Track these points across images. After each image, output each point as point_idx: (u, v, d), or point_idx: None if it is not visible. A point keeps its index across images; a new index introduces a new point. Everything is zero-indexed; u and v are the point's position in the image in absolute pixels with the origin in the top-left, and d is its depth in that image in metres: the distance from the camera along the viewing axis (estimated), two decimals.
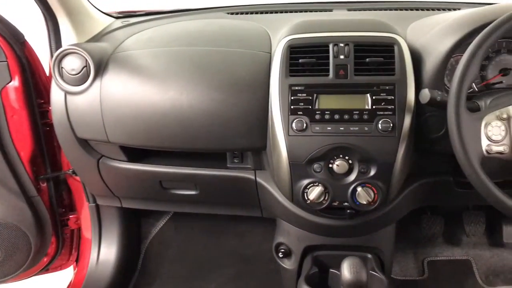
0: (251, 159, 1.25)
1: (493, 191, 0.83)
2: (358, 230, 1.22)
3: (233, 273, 1.72)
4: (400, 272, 1.71)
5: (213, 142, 1.14)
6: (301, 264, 1.32)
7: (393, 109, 1.02)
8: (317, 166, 1.05)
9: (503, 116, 0.86)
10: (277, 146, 1.06)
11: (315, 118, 1.03)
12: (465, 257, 1.75)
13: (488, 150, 0.86)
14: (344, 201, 1.07)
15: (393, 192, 1.09)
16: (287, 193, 1.13)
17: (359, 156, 1.04)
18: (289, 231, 1.31)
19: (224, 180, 1.28)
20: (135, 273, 1.75)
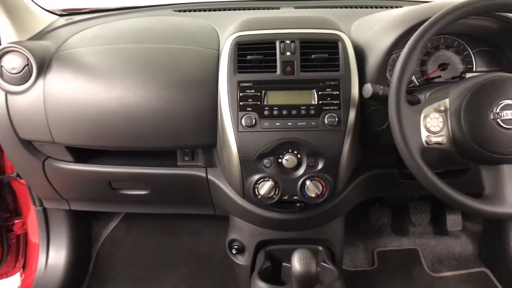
0: (202, 157, 1.25)
1: (433, 179, 0.87)
2: (308, 223, 1.25)
3: (187, 272, 1.71)
4: (351, 263, 1.76)
5: (163, 140, 1.13)
6: (254, 260, 1.33)
7: (338, 104, 1.05)
8: (267, 161, 1.07)
9: (441, 109, 0.91)
10: (227, 143, 1.07)
11: (264, 114, 1.05)
12: (412, 246, 1.82)
13: (427, 141, 0.90)
14: (294, 195, 1.09)
15: (341, 184, 1.12)
16: (238, 189, 1.14)
17: (307, 151, 1.06)
18: (241, 227, 1.32)
19: (175, 179, 1.28)
20: (86, 276, 1.71)
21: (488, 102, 0.87)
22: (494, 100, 0.86)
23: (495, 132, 0.86)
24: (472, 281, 1.68)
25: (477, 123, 0.87)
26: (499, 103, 0.86)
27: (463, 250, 1.81)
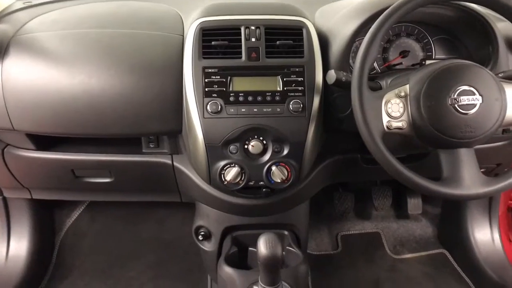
0: (167, 144, 1.24)
1: (393, 163, 0.90)
2: (274, 208, 1.26)
3: (153, 260, 1.71)
4: (316, 247, 1.79)
5: (127, 127, 1.12)
6: (221, 245, 1.34)
7: (303, 91, 1.06)
8: (233, 148, 1.07)
9: (401, 94, 0.93)
10: (192, 129, 1.07)
11: (230, 100, 1.05)
12: (374, 230, 1.87)
13: (389, 126, 0.92)
14: (259, 181, 1.10)
15: (306, 170, 1.14)
16: (204, 176, 1.14)
17: (273, 137, 1.07)
18: (208, 214, 1.33)
19: (140, 166, 1.26)
20: (49, 266, 1.68)
21: (446, 88, 0.90)
22: (452, 86, 0.90)
23: (453, 117, 0.89)
24: (431, 262, 1.74)
25: (436, 108, 0.90)
26: (456, 89, 0.89)
27: (423, 232, 1.87)
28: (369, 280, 1.65)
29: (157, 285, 1.61)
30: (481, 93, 0.89)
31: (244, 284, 1.14)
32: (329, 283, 1.63)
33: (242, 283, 1.15)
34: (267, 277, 0.97)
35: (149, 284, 1.62)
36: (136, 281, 1.62)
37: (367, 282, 1.65)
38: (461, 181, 0.90)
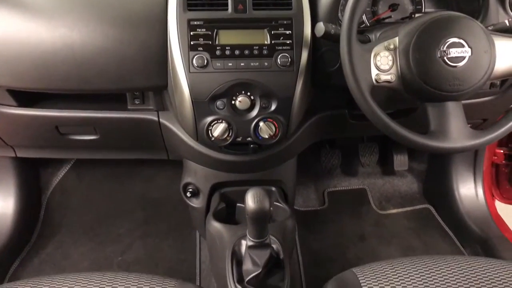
0: (152, 100, 1.22)
1: (381, 116, 0.89)
2: (261, 164, 1.26)
3: (141, 218, 1.72)
4: (303, 203, 1.82)
5: (110, 82, 1.09)
6: (209, 202, 1.35)
7: (291, 44, 1.04)
8: (220, 103, 1.06)
9: (390, 47, 0.92)
10: (178, 84, 1.05)
11: (216, 54, 1.02)
12: (361, 186, 1.90)
13: (377, 79, 0.91)
14: (247, 137, 1.09)
15: (293, 125, 1.14)
16: (191, 132, 1.13)
17: (260, 92, 1.05)
18: (196, 171, 1.32)
19: (125, 123, 1.24)
20: (37, 225, 1.68)
21: (435, 40, 0.88)
22: (441, 38, 0.88)
23: (441, 69, 0.88)
24: (416, 217, 1.78)
25: (425, 61, 0.89)
26: (445, 41, 0.88)
27: (408, 188, 1.90)
28: (355, 234, 1.69)
29: (145, 242, 1.62)
30: (470, 45, 0.88)
31: (232, 238, 1.15)
32: (316, 238, 1.65)
33: (230, 237, 1.16)
34: (254, 230, 0.97)
35: (137, 241, 1.63)
36: (125, 238, 1.64)
37: (353, 236, 1.68)
38: (448, 134, 0.91)
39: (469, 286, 0.90)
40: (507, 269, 0.94)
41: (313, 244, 1.62)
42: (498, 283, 0.91)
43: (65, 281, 0.90)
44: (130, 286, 0.90)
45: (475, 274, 0.93)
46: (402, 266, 0.96)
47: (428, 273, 0.94)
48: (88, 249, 1.59)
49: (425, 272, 0.94)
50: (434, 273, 0.93)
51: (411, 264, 0.96)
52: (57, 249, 1.60)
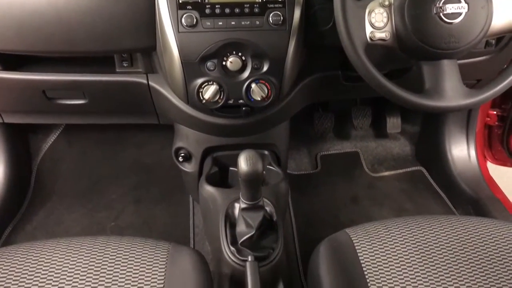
0: (141, 62, 1.18)
1: (375, 75, 0.88)
2: (254, 128, 1.25)
3: (133, 183, 1.71)
4: (296, 167, 1.81)
5: (97, 43, 1.06)
6: (201, 166, 1.34)
7: (283, 2, 1.01)
8: (211, 64, 1.03)
9: (385, 3, 0.89)
10: (167, 45, 1.02)
11: (205, 12, 0.99)
12: (353, 150, 1.89)
13: (372, 36, 0.89)
14: (239, 99, 1.07)
15: (286, 87, 1.11)
16: (181, 95, 1.11)
17: (252, 52, 1.03)
18: (187, 135, 1.31)
19: (114, 86, 1.21)
20: (28, 192, 1.67)
21: None
22: None
23: (437, 26, 0.86)
24: (408, 179, 1.79)
25: (420, 17, 0.87)
26: None
27: (401, 151, 1.90)
28: (347, 197, 1.69)
29: (138, 208, 1.62)
30: (467, 1, 0.86)
31: (225, 201, 1.14)
32: (309, 201, 1.66)
33: (223, 200, 1.16)
34: (248, 193, 0.97)
35: (130, 207, 1.63)
36: (117, 203, 1.63)
37: (346, 199, 1.69)
38: (443, 93, 0.89)
39: (461, 244, 0.91)
40: (498, 227, 0.95)
41: (306, 207, 1.63)
42: (490, 241, 0.92)
43: (57, 246, 0.90)
44: (123, 250, 0.90)
45: (467, 232, 0.94)
46: (395, 226, 0.97)
47: (421, 232, 0.94)
48: (81, 215, 1.59)
49: (418, 231, 0.94)
50: (427, 232, 0.94)
51: (404, 224, 0.97)
52: (49, 215, 1.60)
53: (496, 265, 0.87)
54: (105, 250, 0.90)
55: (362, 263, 0.89)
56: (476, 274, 0.86)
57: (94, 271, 0.85)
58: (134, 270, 0.86)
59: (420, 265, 0.88)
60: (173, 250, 0.92)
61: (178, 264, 0.89)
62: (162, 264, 0.88)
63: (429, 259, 0.89)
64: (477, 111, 1.64)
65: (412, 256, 0.89)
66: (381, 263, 0.89)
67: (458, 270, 0.86)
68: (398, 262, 0.88)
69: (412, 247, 0.91)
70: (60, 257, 0.87)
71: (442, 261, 0.88)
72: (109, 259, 0.88)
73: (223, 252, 1.05)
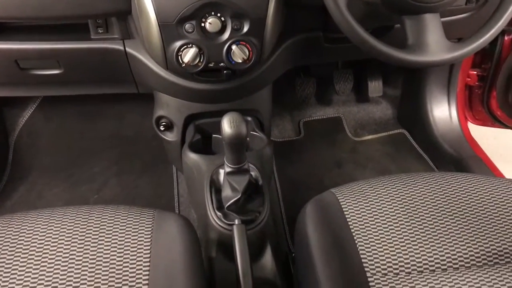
0: (117, 28, 1.14)
1: (358, 31, 0.86)
2: (236, 93, 1.23)
3: (115, 156, 1.68)
4: (279, 134, 1.81)
5: (70, 7, 1.01)
6: (183, 134, 1.32)
7: None
8: (189, 26, 1.00)
9: None
10: (143, 6, 0.98)
11: None
12: (336, 115, 1.89)
13: None
14: (220, 62, 1.05)
15: (267, 49, 1.09)
16: (160, 60, 1.08)
17: (231, 12, 1.00)
18: (168, 103, 1.28)
19: (89, 54, 1.17)
20: (6, 168, 1.63)
21: None
22: None
23: None
24: (391, 142, 1.80)
25: None
26: None
27: (383, 115, 1.91)
28: (331, 162, 1.70)
29: (121, 179, 1.60)
30: None
31: (209, 167, 1.13)
32: (293, 167, 1.66)
33: (207, 166, 1.15)
34: (232, 156, 0.96)
35: (113, 179, 1.60)
36: (99, 176, 1.61)
37: (329, 164, 1.69)
38: (426, 47, 0.88)
39: (445, 198, 0.92)
40: (481, 181, 0.96)
41: (290, 173, 1.63)
42: (473, 194, 0.93)
43: (39, 216, 0.88)
44: (108, 217, 0.88)
45: (451, 187, 0.94)
46: (380, 183, 0.97)
47: (406, 188, 0.94)
48: (62, 190, 1.56)
49: (403, 188, 0.95)
50: (412, 188, 0.94)
51: (389, 182, 0.97)
52: (30, 191, 1.56)
53: (480, 216, 0.88)
54: (89, 218, 0.88)
55: (348, 221, 0.89)
56: (461, 226, 0.87)
57: (79, 240, 0.84)
58: (120, 237, 0.85)
59: (406, 220, 0.88)
60: (158, 216, 0.91)
61: (164, 229, 0.88)
62: (148, 230, 0.87)
63: (414, 214, 0.89)
64: (458, 71, 1.64)
65: (398, 212, 0.90)
66: (367, 220, 0.89)
67: (443, 223, 0.87)
68: (384, 218, 0.89)
69: (398, 203, 0.91)
70: (43, 226, 0.86)
71: (427, 215, 0.89)
72: (94, 226, 0.86)
73: (209, 217, 1.04)
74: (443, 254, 0.83)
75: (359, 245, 0.85)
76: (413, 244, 0.85)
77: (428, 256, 0.83)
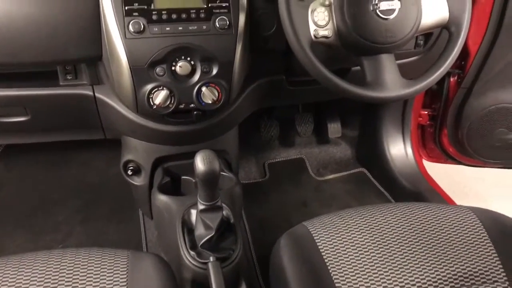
0: (86, 74, 1.16)
1: (322, 70, 0.93)
2: (204, 134, 1.26)
3: (80, 203, 1.65)
4: (245, 176, 1.84)
5: (40, 53, 1.03)
6: (152, 178, 1.33)
7: (228, 7, 1.04)
8: (160, 70, 1.04)
9: (326, 3, 0.95)
10: (115, 52, 1.01)
11: (153, 19, 1.00)
12: (299, 156, 1.95)
13: (315, 34, 0.94)
14: (190, 103, 1.08)
15: (235, 90, 1.14)
16: (130, 103, 1.10)
17: (201, 56, 1.05)
18: (136, 147, 1.29)
19: (58, 100, 1.18)
20: None
21: None
22: None
23: (374, 22, 0.93)
24: (352, 180, 1.86)
25: (359, 14, 0.93)
26: None
27: (343, 155, 1.98)
28: (297, 201, 1.73)
29: (87, 227, 1.57)
30: None
31: (180, 208, 1.14)
32: (260, 208, 1.68)
33: (178, 207, 1.15)
34: (206, 193, 0.97)
35: (78, 227, 1.57)
36: (64, 225, 1.57)
37: (295, 203, 1.73)
38: (383, 84, 0.96)
39: (410, 226, 0.97)
40: (442, 209, 1.02)
41: (258, 213, 1.65)
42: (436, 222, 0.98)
43: (7, 263, 0.85)
44: (81, 260, 0.87)
45: (414, 215, 0.99)
46: (349, 215, 1.01)
47: (373, 218, 0.99)
48: (26, 241, 1.51)
49: (370, 218, 0.99)
50: (379, 218, 0.99)
51: (357, 213, 1.01)
52: None
53: (443, 242, 0.93)
54: (61, 262, 0.86)
55: (322, 252, 0.92)
56: (427, 251, 0.91)
57: (52, 285, 0.82)
58: (95, 279, 0.84)
59: (375, 248, 0.92)
60: (133, 257, 0.90)
61: (139, 269, 0.88)
62: (123, 271, 0.86)
63: (382, 241, 0.93)
64: (410, 111, 1.75)
65: (367, 240, 0.94)
66: (340, 250, 0.92)
67: (410, 249, 0.91)
68: (354, 247, 0.92)
69: (367, 233, 0.95)
70: (12, 273, 0.83)
71: (394, 242, 0.93)
72: (67, 270, 0.85)
73: (183, 257, 1.04)
74: (413, 279, 0.87)
75: (333, 273, 0.88)
76: (384, 270, 0.88)
77: (399, 281, 0.87)
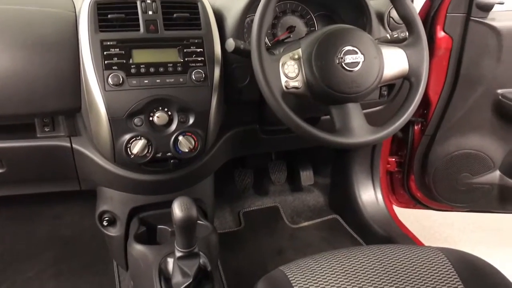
0: (64, 126, 1.19)
1: (293, 118, 0.98)
2: (181, 183, 1.28)
3: (52, 258, 1.61)
4: (220, 225, 1.85)
5: (21, 106, 1.06)
6: (127, 228, 1.33)
7: (204, 61, 1.10)
8: (138, 120, 1.07)
9: (295, 57, 1.02)
10: (94, 104, 1.05)
11: (131, 72, 1.05)
12: (273, 204, 1.98)
13: (287, 85, 1.00)
14: (167, 152, 1.11)
15: (211, 139, 1.18)
16: (108, 153, 1.12)
17: (177, 107, 1.09)
18: (112, 197, 1.30)
19: (35, 152, 1.20)
20: None
21: (333, 49, 1.00)
22: (338, 47, 1.00)
23: (340, 74, 1.00)
24: (326, 227, 1.89)
25: (326, 67, 1.00)
26: (341, 49, 1.00)
27: (316, 202, 2.02)
28: (272, 249, 1.75)
29: (59, 282, 1.53)
30: (363, 52, 1.01)
31: (157, 257, 1.14)
32: (236, 257, 1.68)
33: (154, 256, 1.15)
34: (183, 240, 0.99)
35: (50, 282, 1.53)
36: (35, 281, 1.53)
37: (271, 251, 1.74)
38: (351, 131, 1.01)
39: (383, 267, 1.00)
40: (413, 250, 1.05)
41: (233, 262, 1.65)
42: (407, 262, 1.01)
43: None
44: None
45: (387, 257, 1.03)
46: (324, 258, 1.03)
47: (347, 261, 1.01)
48: None
49: (344, 261, 1.02)
50: (352, 261, 1.01)
51: (332, 256, 1.04)
52: None
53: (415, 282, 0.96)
54: None
55: None
56: None
57: None
58: None
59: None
60: None
61: None
62: None
63: (357, 283, 0.95)
64: (379, 159, 1.82)
65: (343, 283, 0.96)
66: None
67: None
68: None
69: (341, 275, 0.98)
70: None
71: (369, 284, 0.95)
72: None
73: None
74: None
75: None
76: None
77: None
